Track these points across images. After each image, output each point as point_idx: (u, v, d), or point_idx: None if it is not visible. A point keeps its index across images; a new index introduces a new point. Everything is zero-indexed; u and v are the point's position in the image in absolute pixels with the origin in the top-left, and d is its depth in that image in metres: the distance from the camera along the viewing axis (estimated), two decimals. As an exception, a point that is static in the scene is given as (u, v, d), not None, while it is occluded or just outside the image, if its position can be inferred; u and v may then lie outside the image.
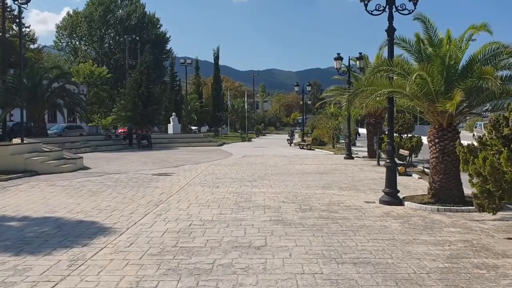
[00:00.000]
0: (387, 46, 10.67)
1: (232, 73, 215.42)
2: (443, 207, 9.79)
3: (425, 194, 11.31)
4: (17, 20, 65.06)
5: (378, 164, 19.99)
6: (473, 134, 41.60)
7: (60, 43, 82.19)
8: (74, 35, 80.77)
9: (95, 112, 50.71)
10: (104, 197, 11.57)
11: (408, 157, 16.74)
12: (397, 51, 10.91)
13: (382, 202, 10.56)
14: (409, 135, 19.87)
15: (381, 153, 20.54)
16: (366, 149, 29.99)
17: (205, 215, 9.17)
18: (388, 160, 10.73)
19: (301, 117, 54.63)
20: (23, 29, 66.42)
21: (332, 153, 27.88)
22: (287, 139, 39.93)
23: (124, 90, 43.87)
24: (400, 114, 20.69)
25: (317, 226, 8.24)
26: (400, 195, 10.83)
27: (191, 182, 14.52)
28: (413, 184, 13.90)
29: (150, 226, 8.24)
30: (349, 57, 23.72)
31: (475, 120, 71.80)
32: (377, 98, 9.89)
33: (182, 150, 31.07)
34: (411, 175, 15.98)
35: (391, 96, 10.40)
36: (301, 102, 54.99)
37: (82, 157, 19.95)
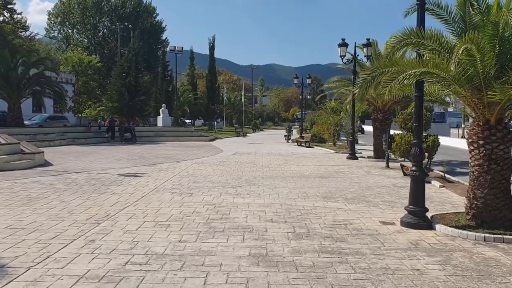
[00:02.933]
0: (416, 14, 7.87)
1: (232, 67, 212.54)
2: (491, 235, 7.03)
3: (460, 213, 8.58)
4: (8, 6, 62.20)
5: (387, 166, 17.24)
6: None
7: (52, 31, 79.06)
8: (66, 22, 77.72)
9: (82, 103, 47.65)
10: (38, 208, 8.78)
11: (428, 160, 13.99)
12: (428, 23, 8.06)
13: (405, 224, 7.79)
14: (424, 134, 17.10)
15: (391, 154, 17.81)
16: (371, 147, 27.30)
17: (156, 244, 6.39)
18: (414, 168, 7.93)
19: (300, 112, 51.78)
20: (15, 16, 63.74)
21: (333, 151, 25.11)
22: (285, 135, 37.17)
23: (110, 79, 40.98)
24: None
25: (318, 268, 5.47)
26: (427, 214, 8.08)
27: (160, 186, 11.73)
28: (436, 195, 11.13)
29: (66, 265, 5.46)
30: (355, 43, 20.93)
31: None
32: (405, 81, 7.07)
33: (168, 145, 28.26)
34: (430, 182, 13.20)
35: (421, 79, 7.59)
36: (300, 97, 52.11)
37: (43, 152, 17.12)
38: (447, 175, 13.99)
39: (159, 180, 12.94)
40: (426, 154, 13.96)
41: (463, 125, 43.69)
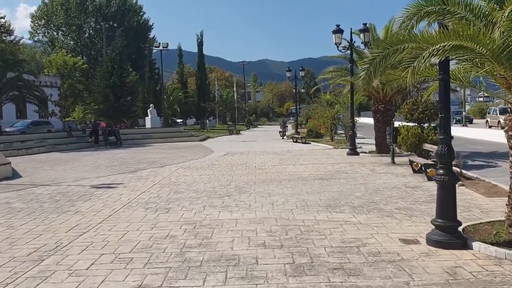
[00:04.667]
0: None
1: (224, 64, 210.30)
2: (549, 257, 5.40)
3: (496, 222, 6.99)
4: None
5: (393, 162, 15.61)
6: (487, 121, 37.35)
7: (36, 34, 76.78)
8: (51, 24, 75.47)
9: (67, 106, 45.59)
10: (-25, 238, 7.08)
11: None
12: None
13: (433, 242, 6.13)
14: (433, 124, 15.51)
15: (396, 148, 16.19)
16: (371, 141, 25.72)
17: (106, 294, 4.71)
18: (442, 171, 6.28)
19: (295, 107, 50.00)
20: (-2, 20, 61.49)
21: (331, 147, 23.47)
22: (279, 131, 35.49)
23: (94, 80, 39.12)
24: (420, 98, 16.29)
25: (329, 329, 3.81)
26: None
27: (135, 200, 10.03)
28: (458, 197, 9.43)
29: None
30: (351, 29, 19.25)
31: (479, 106, 67.46)
32: (432, 59, 5.40)
33: (155, 148, 26.53)
34: (445, 180, 11.57)
35: (448, 58, 5.92)
36: (293, 91, 50.34)
37: (9, 163, 15.36)
38: (465, 171, 12.36)
39: (135, 191, 11.23)
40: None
41: (464, 113, 42.24)
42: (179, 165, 16.88)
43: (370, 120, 63.85)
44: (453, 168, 12.64)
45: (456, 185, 10.86)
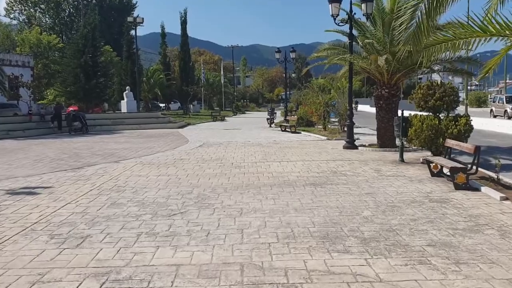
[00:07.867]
0: None
1: (215, 48, 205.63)
2: None
3: None
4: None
5: (402, 160, 12.67)
6: (491, 110, 34.55)
7: (12, 11, 72.24)
8: (28, 1, 70.94)
9: (31, 87, 41.66)
10: None
11: (475, 156, 9.14)
12: None
13: None
14: (452, 115, 12.59)
15: (405, 143, 13.24)
16: (367, 131, 22.94)
17: None
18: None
19: (284, 92, 46.67)
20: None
21: (325, 138, 20.50)
22: (267, 119, 32.42)
23: (63, 59, 35.62)
24: (436, 81, 13.32)
25: None
26: None
27: (47, 218, 6.95)
28: (508, 221, 6.54)
29: None
30: (351, -1, 16.09)
31: (477, 94, 64.90)
32: None
33: (124, 135, 23.32)
34: (479, 190, 8.66)
35: None
36: (284, 75, 47.12)
37: None
38: (502, 177, 9.39)
39: (59, 201, 8.15)
40: (472, 146, 9.32)
41: (466, 101, 39.42)
42: (140, 160, 13.79)
43: (364, 108, 60.68)
44: (487, 172, 9.74)
45: (498, 198, 7.96)
